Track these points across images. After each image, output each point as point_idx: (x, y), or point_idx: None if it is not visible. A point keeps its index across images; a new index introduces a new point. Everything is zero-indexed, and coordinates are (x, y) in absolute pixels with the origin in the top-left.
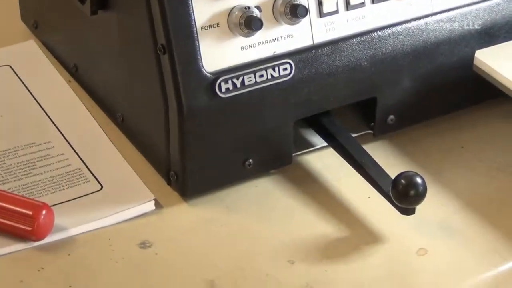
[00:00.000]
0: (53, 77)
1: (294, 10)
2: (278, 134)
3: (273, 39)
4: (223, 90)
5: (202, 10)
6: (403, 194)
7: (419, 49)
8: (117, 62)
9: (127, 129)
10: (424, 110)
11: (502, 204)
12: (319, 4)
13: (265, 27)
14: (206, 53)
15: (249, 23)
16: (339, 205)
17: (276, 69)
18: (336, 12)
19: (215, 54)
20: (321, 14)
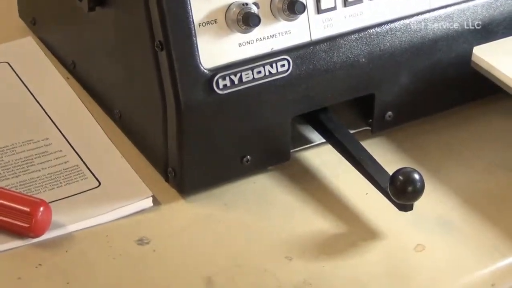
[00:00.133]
0: (51, 73)
1: (292, 7)
2: (276, 130)
3: (270, 36)
4: (221, 86)
5: (200, 6)
6: (401, 190)
7: (417, 45)
8: (114, 58)
9: (125, 125)
10: (422, 107)
11: (500, 200)
12: (317, 0)
13: (262, 24)
14: (204, 49)
15: (246, 20)
16: (337, 201)
17: (273, 65)
18: (334, 8)
19: (213, 51)
20: (319, 10)
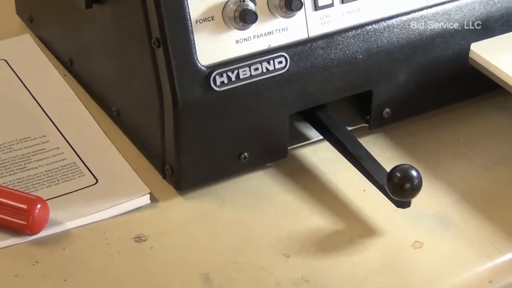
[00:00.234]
0: (48, 71)
1: (289, 3)
2: (274, 127)
3: (268, 32)
4: (218, 83)
5: (197, 3)
6: (399, 187)
7: (415, 42)
8: (112, 56)
9: (122, 123)
10: (420, 103)
11: (498, 197)
12: None
13: (260, 20)
14: (201, 46)
15: (244, 16)
16: (335, 198)
17: (271, 62)
18: (331, 5)
19: (210, 48)
20: (316, 7)
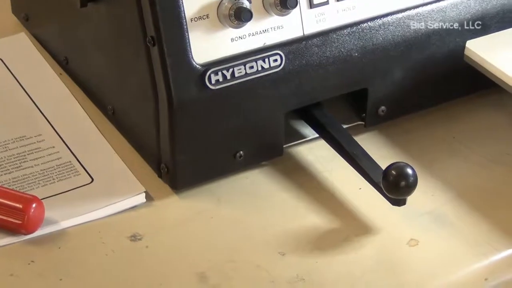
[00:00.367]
0: (44, 70)
1: (284, 1)
2: (269, 125)
3: (263, 31)
4: (213, 82)
5: (192, 1)
6: (394, 185)
7: (410, 39)
8: (107, 54)
9: (118, 121)
10: (415, 101)
11: (494, 194)
12: None
13: (255, 19)
14: (196, 44)
15: (238, 15)
16: (330, 196)
17: (266, 60)
18: (326, 3)
19: (205, 46)
20: (311, 5)
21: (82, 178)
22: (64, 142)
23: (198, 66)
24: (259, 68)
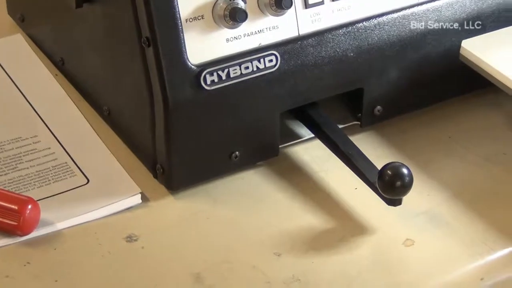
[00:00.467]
0: (39, 70)
1: (279, 1)
2: (265, 126)
3: (258, 31)
4: (208, 82)
5: (187, 2)
6: (389, 185)
7: (406, 39)
8: (102, 55)
9: (114, 122)
10: (411, 101)
11: (489, 194)
12: None
13: (250, 19)
14: (191, 45)
15: (233, 15)
16: (326, 196)
17: (261, 60)
18: (321, 3)
19: (200, 46)
20: (306, 5)
21: (78, 179)
22: (59, 143)
23: (193, 66)
24: (255, 68)
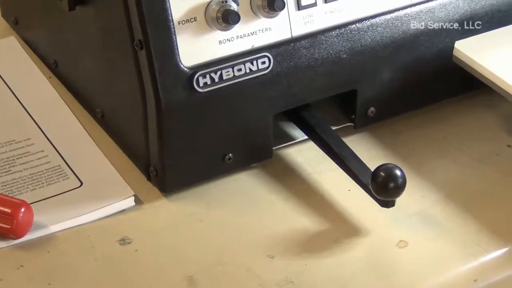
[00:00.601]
0: (33, 73)
1: (271, 3)
2: (258, 128)
3: (251, 33)
4: (201, 84)
5: (179, 4)
6: (382, 187)
7: (399, 40)
8: (95, 57)
9: (107, 125)
10: (405, 102)
11: (483, 195)
12: None
13: (243, 21)
14: (184, 47)
15: (226, 17)
16: (320, 198)
17: (254, 62)
18: (314, 4)
19: (193, 49)
20: (299, 7)
21: (71, 182)
22: (53, 146)
23: (186, 69)
24: (247, 70)
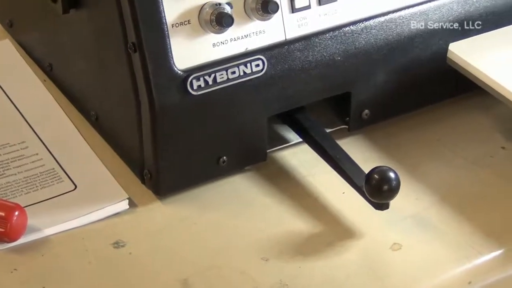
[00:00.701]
0: (28, 76)
1: (265, 6)
2: (252, 130)
3: (245, 35)
4: (195, 87)
5: (173, 7)
6: (376, 189)
7: (393, 43)
8: (90, 60)
9: (101, 127)
10: (399, 104)
11: (477, 197)
12: None
13: (236, 23)
14: (177, 50)
15: (220, 20)
16: (314, 201)
17: (248, 65)
18: (308, 7)
19: (187, 52)
20: (293, 9)
21: (65, 185)
22: (47, 149)
23: (179, 72)
24: (241, 73)
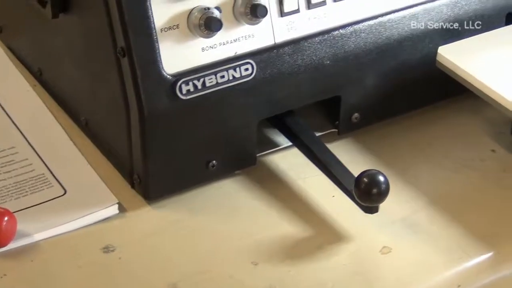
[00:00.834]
0: (17, 81)
1: (254, 10)
2: (242, 135)
3: (234, 40)
4: (184, 92)
5: (161, 11)
6: (366, 193)
7: (382, 46)
8: (79, 65)
9: (91, 132)
10: (389, 107)
11: (467, 200)
12: (280, 3)
13: (225, 28)
14: (166, 55)
15: (208, 24)
16: (304, 204)
17: (237, 69)
18: (297, 11)
19: (175, 56)
20: (282, 13)
21: (55, 190)
22: (37, 154)
23: (168, 76)
24: (230, 77)
